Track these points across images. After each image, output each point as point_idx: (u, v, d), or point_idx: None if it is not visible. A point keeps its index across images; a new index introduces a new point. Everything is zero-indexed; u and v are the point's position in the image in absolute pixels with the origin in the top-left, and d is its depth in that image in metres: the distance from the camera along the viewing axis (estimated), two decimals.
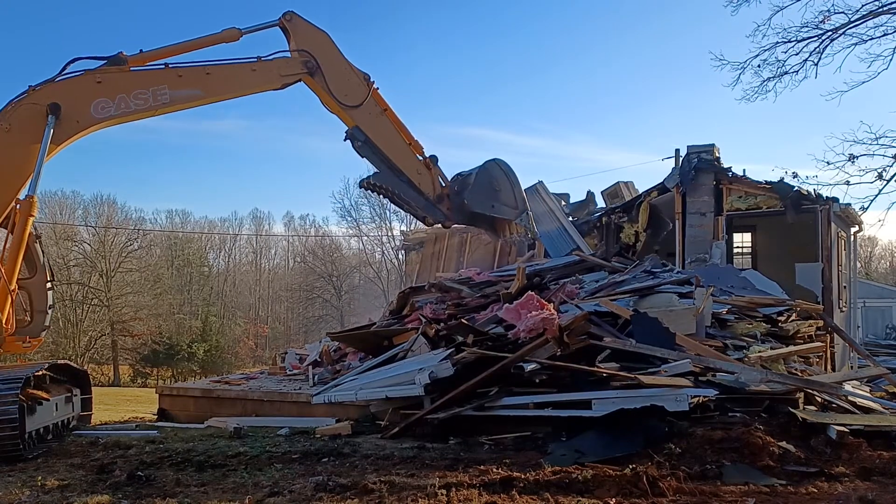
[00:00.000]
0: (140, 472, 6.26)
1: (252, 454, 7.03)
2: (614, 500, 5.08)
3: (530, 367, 7.65)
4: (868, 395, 8.91)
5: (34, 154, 8.05)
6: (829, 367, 11.73)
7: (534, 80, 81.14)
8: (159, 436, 8.50)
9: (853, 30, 11.50)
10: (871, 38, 11.40)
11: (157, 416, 10.74)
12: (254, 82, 9.60)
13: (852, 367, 14.27)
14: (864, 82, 11.55)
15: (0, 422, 6.96)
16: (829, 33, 11.64)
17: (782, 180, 13.99)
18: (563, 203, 18.73)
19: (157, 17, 69.48)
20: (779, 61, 12.10)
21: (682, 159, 15.56)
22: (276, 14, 9.93)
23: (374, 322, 13.48)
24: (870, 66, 11.45)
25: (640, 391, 6.96)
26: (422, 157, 10.99)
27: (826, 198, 13.97)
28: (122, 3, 73.56)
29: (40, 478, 6.25)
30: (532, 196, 16.92)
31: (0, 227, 8.29)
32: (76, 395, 9.24)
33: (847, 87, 11.71)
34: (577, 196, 21.05)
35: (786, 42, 11.92)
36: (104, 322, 43.50)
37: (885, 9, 11.17)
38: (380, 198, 11.32)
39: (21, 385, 7.22)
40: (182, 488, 5.83)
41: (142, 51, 8.89)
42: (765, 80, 12.31)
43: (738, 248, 17.92)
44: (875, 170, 11.15)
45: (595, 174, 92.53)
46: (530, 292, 9.93)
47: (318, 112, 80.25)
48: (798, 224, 14.57)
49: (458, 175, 11.48)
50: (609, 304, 9.52)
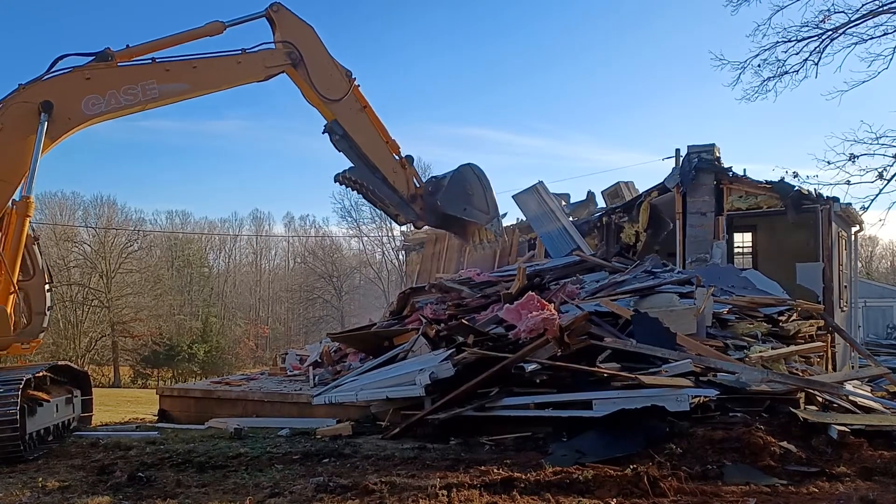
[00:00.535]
0: (141, 473, 6.26)
1: (253, 455, 7.03)
2: (615, 500, 5.08)
3: (531, 367, 7.64)
4: (869, 394, 8.91)
5: (27, 152, 8.02)
6: (830, 366, 11.73)
7: (534, 80, 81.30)
8: (160, 437, 8.51)
9: (853, 29, 11.49)
10: (871, 38, 11.39)
11: (157, 417, 10.75)
12: (239, 75, 9.66)
13: (853, 366, 14.27)
14: (864, 82, 11.54)
15: (1, 423, 6.96)
16: (830, 33, 11.63)
17: (783, 180, 13.99)
18: (563, 203, 18.73)
19: (157, 17, 69.53)
20: (779, 61, 12.09)
21: (682, 159, 15.56)
22: (262, 6, 9.99)
23: (375, 323, 13.49)
24: (870, 66, 11.44)
25: (641, 391, 6.96)
26: (398, 157, 11.10)
27: (827, 197, 13.96)
28: (122, 3, 73.60)
29: (41, 479, 6.25)
30: (532, 196, 16.95)
31: None
32: (77, 397, 9.23)
33: (847, 86, 11.70)
34: (577, 196, 21.10)
35: (786, 41, 11.91)
36: (104, 323, 43.51)
37: (884, 8, 11.17)
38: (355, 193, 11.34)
39: (21, 386, 7.23)
40: (183, 489, 5.83)
41: (128, 46, 8.87)
42: (765, 80, 12.30)
43: (738, 247, 17.91)
44: (875, 169, 11.13)
45: (595, 174, 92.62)
46: (531, 292, 9.93)
47: (316, 111, 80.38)
48: (799, 224, 14.57)
49: (432, 177, 11.69)
50: (610, 305, 9.52)
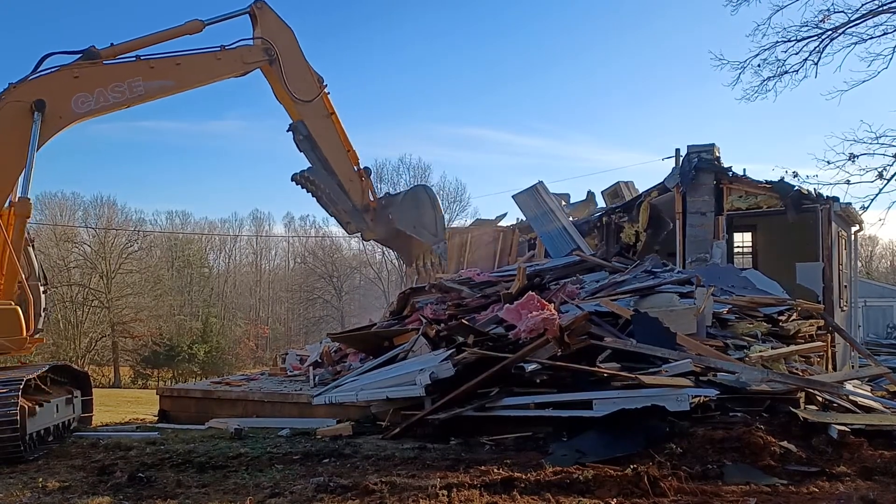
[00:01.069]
0: (141, 474, 6.25)
1: (253, 455, 7.03)
2: (615, 500, 5.07)
3: (531, 367, 7.64)
4: (869, 394, 8.90)
5: (22, 151, 8.07)
6: (830, 366, 11.72)
7: (534, 80, 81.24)
8: (160, 437, 8.50)
9: (853, 29, 11.47)
10: (870, 38, 11.37)
11: (157, 418, 10.74)
12: (219, 70, 9.92)
13: (853, 366, 14.27)
14: (864, 81, 11.51)
15: (1, 423, 6.95)
16: (829, 32, 11.62)
17: (783, 180, 13.98)
18: (563, 203, 18.73)
19: (149, 16, 69.56)
20: (779, 61, 12.07)
21: (682, 159, 15.56)
22: (238, 6, 10.33)
23: (375, 323, 13.49)
24: (870, 66, 11.41)
25: (641, 391, 6.96)
26: (357, 167, 11.44)
27: (826, 197, 13.95)
28: (122, 3, 73.58)
29: (41, 479, 6.24)
30: (532, 196, 16.96)
31: None
32: (77, 397, 9.24)
33: (847, 86, 11.67)
34: (577, 196, 21.11)
35: (786, 41, 11.88)
36: (104, 323, 43.52)
37: (884, 8, 11.16)
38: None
39: (21, 387, 7.23)
40: (183, 489, 5.83)
41: (112, 44, 9.04)
42: (765, 80, 12.27)
43: (738, 247, 17.92)
44: (875, 169, 11.10)
45: (595, 174, 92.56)
46: (531, 292, 9.93)
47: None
48: (799, 223, 14.57)
49: (387, 193, 12.24)
50: (610, 304, 9.52)
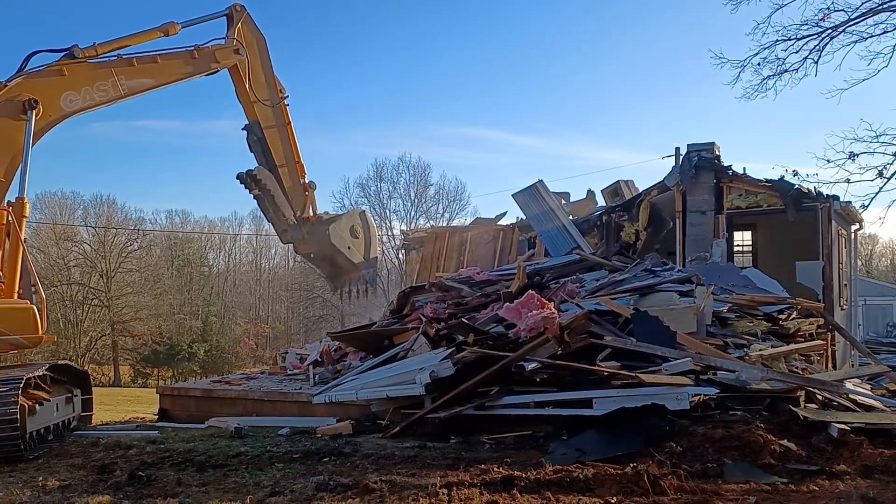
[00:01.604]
0: (141, 473, 6.26)
1: (253, 454, 7.03)
2: (615, 498, 5.07)
3: (531, 366, 7.65)
4: (869, 392, 8.89)
5: (16, 150, 8.21)
6: (830, 365, 11.73)
7: (533, 79, 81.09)
8: (160, 436, 8.50)
9: (853, 27, 11.45)
10: (870, 36, 11.35)
11: (157, 417, 10.75)
12: (194, 69, 10.25)
13: (853, 364, 14.27)
14: (864, 80, 11.49)
15: (1, 422, 6.96)
16: (829, 31, 11.60)
17: (783, 178, 13.97)
18: (563, 202, 18.74)
19: (134, 16, 69.41)
20: (779, 59, 12.05)
21: (682, 158, 15.56)
22: (211, 9, 10.76)
23: (375, 322, 13.50)
24: (870, 64, 11.40)
25: (641, 390, 6.96)
26: (303, 181, 11.75)
27: (826, 196, 13.95)
28: (101, 4, 73.41)
29: (41, 478, 6.25)
30: (532, 195, 16.97)
31: None
32: (77, 396, 9.25)
33: (847, 84, 11.65)
34: (577, 195, 21.09)
35: (786, 40, 11.86)
36: (104, 322, 43.52)
37: (884, 6, 11.14)
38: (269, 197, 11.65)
39: (21, 386, 7.23)
40: (183, 488, 5.83)
41: (95, 44, 9.23)
42: (765, 79, 12.25)
43: (738, 246, 17.92)
44: (875, 167, 11.09)
45: (595, 173, 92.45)
46: (531, 291, 9.93)
47: (317, 112, 79.94)
48: (799, 222, 14.56)
49: (326, 212, 12.42)
50: (610, 303, 9.52)
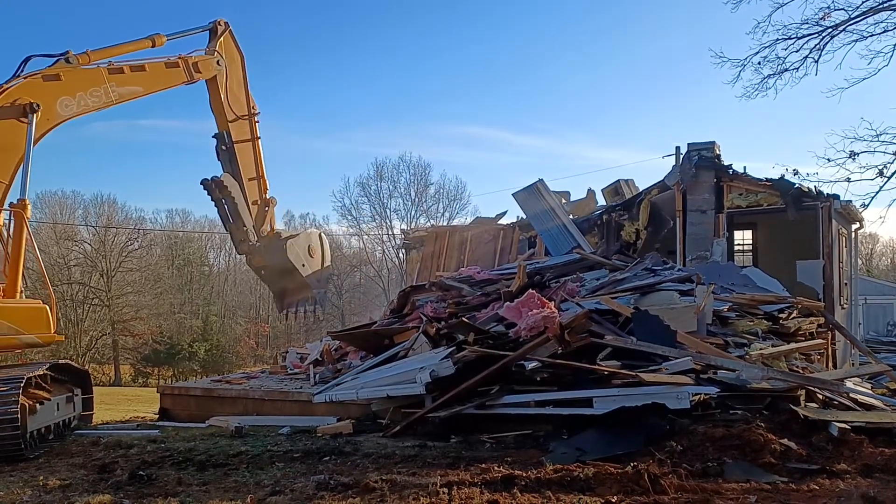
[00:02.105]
0: (141, 472, 6.26)
1: (253, 453, 7.03)
2: (616, 497, 5.07)
3: (531, 365, 7.65)
4: (869, 391, 8.89)
5: (17, 153, 8.38)
6: (830, 364, 11.73)
7: (532, 78, 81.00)
8: (160, 435, 8.51)
9: (853, 26, 11.42)
10: (871, 35, 11.32)
11: (158, 416, 10.76)
12: (177, 78, 10.61)
13: (854, 364, 14.26)
14: (864, 79, 11.45)
15: (1, 422, 6.97)
16: (830, 30, 11.57)
17: (783, 177, 13.96)
18: (563, 201, 18.73)
19: (150, 16, 69.52)
20: (779, 58, 12.02)
21: (682, 157, 15.55)
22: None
23: (375, 321, 13.50)
24: (870, 63, 11.37)
25: (642, 389, 6.96)
26: (265, 195, 12.19)
27: (827, 195, 13.95)
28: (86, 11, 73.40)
29: (42, 477, 6.25)
30: (532, 194, 16.96)
31: None
32: (77, 395, 9.26)
33: (847, 83, 11.63)
34: (577, 194, 21.07)
35: (786, 39, 11.83)
36: (105, 322, 43.53)
37: (885, 5, 11.13)
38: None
39: (22, 385, 7.24)
40: (184, 487, 5.84)
41: (87, 51, 9.49)
42: (765, 77, 12.21)
43: (738, 245, 17.90)
44: (876, 166, 11.06)
45: (595, 172, 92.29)
46: (531, 290, 9.93)
47: (317, 111, 79.99)
48: (799, 221, 14.55)
49: (284, 230, 12.87)
50: (610, 302, 9.52)
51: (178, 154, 79.89)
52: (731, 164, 14.84)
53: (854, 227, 16.97)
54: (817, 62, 11.80)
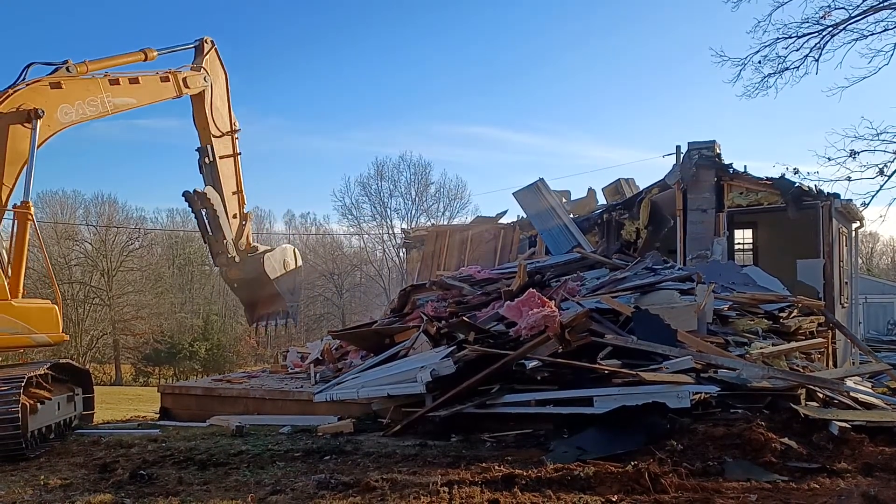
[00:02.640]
0: (142, 471, 6.27)
1: (254, 452, 7.04)
2: (616, 496, 5.07)
3: (532, 364, 7.65)
4: (870, 391, 8.89)
5: (20, 156, 8.54)
6: (830, 363, 11.73)
7: (533, 77, 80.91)
8: (161, 434, 8.52)
9: (854, 25, 11.45)
10: (871, 34, 11.36)
11: (159, 415, 10.77)
12: (168, 92, 10.95)
13: (854, 363, 14.26)
14: (864, 78, 11.50)
15: (2, 421, 6.98)
16: (830, 29, 11.59)
17: (783, 176, 13.98)
18: (563, 200, 18.73)
19: (150, 16, 69.52)
20: (779, 57, 12.05)
21: (682, 156, 15.58)
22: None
23: (376, 320, 13.51)
24: (870, 62, 11.40)
25: (642, 388, 6.96)
26: (243, 209, 12.50)
27: (827, 194, 13.96)
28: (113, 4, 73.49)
29: (43, 477, 6.26)
30: (533, 193, 16.97)
31: None
32: (78, 395, 9.27)
33: (848, 82, 11.67)
34: (577, 193, 21.06)
35: (786, 38, 11.86)
36: (106, 321, 43.51)
37: (885, 4, 11.14)
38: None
39: (23, 385, 7.25)
40: (184, 487, 5.84)
41: (85, 61, 9.68)
42: (765, 77, 12.26)
43: (739, 244, 17.90)
44: (876, 165, 11.12)
45: (596, 171, 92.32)
46: (531, 289, 9.92)
47: (317, 111, 79.98)
48: (799, 220, 14.56)
49: (260, 245, 13.08)
50: (610, 301, 9.52)
51: (179, 153, 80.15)
52: (731, 163, 14.86)
53: (854, 225, 16.97)
54: (818, 61, 11.84)
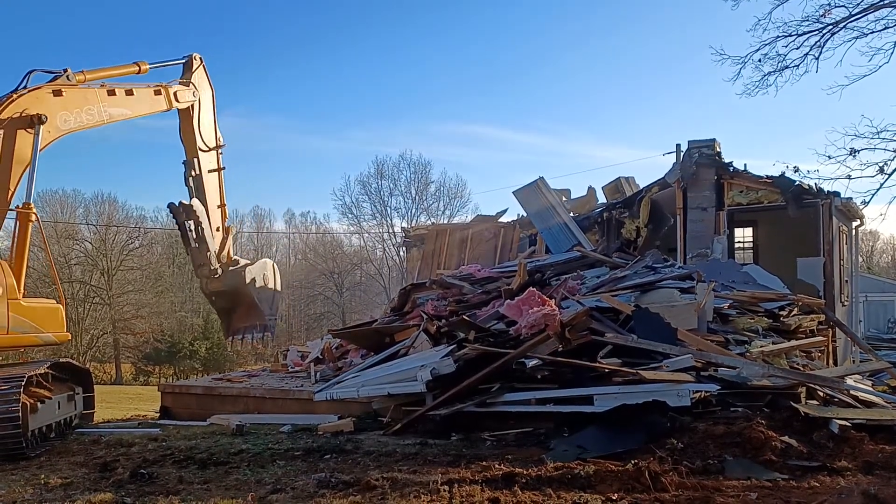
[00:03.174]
0: (143, 470, 6.26)
1: (254, 451, 7.04)
2: (616, 495, 5.07)
3: (532, 363, 7.65)
4: (870, 389, 8.90)
5: (22, 160, 8.61)
6: (830, 361, 11.73)
7: (533, 76, 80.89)
8: (162, 433, 8.51)
9: (854, 23, 11.44)
10: (871, 32, 11.35)
11: (159, 414, 10.78)
12: (159, 105, 11.09)
13: (854, 361, 14.27)
14: (865, 76, 11.48)
15: (3, 420, 6.97)
16: (830, 27, 11.58)
17: (783, 175, 13.99)
18: (563, 199, 18.73)
19: (150, 16, 69.45)
20: (779, 55, 12.03)
21: (682, 154, 15.58)
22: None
23: (376, 319, 13.52)
24: (871, 60, 11.39)
25: (642, 386, 6.96)
26: (225, 223, 12.67)
27: (827, 192, 13.97)
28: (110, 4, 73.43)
29: (43, 476, 6.26)
30: (533, 192, 16.96)
31: None
32: (78, 394, 9.26)
33: (848, 80, 11.66)
34: (577, 192, 21.07)
35: (786, 36, 11.84)
36: (106, 320, 43.53)
37: (885, 2, 11.13)
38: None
39: (23, 384, 7.25)
40: (185, 486, 5.84)
41: (83, 70, 9.84)
42: (765, 75, 12.23)
43: (739, 242, 17.91)
44: (876, 164, 11.11)
45: (596, 170, 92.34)
46: (532, 288, 9.92)
47: (317, 111, 79.91)
48: (799, 218, 14.56)
49: (241, 258, 13.18)
50: (610, 300, 9.52)
51: (178, 153, 79.54)
52: (731, 162, 14.88)
53: (854, 224, 16.99)
54: (818, 59, 11.82)
